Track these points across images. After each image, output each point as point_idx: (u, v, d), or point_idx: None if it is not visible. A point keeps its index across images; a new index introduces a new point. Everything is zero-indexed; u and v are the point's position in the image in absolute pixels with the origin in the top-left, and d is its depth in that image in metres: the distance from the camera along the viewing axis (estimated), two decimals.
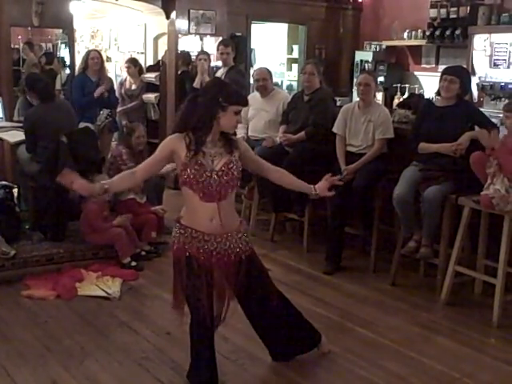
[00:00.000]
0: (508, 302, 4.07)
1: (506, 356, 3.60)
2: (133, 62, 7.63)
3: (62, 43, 7.65)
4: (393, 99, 7.67)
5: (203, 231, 2.90)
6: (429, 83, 7.81)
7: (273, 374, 3.35)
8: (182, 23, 7.43)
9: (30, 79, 5.51)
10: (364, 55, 8.58)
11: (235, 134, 5.32)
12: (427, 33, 7.78)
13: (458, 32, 7.41)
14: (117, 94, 7.11)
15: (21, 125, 5.84)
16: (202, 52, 7.08)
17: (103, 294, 4.31)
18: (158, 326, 3.87)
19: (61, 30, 7.48)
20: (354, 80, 7.80)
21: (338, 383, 3.27)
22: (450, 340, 3.80)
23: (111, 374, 3.29)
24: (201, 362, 3.08)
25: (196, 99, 2.90)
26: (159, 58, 8.13)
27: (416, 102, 5.68)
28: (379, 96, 7.56)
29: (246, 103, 2.98)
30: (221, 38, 7.14)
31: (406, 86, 7.96)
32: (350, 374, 3.36)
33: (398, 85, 7.93)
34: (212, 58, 7.19)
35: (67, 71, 7.42)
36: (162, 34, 8.14)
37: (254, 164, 3.15)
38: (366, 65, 8.45)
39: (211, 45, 7.54)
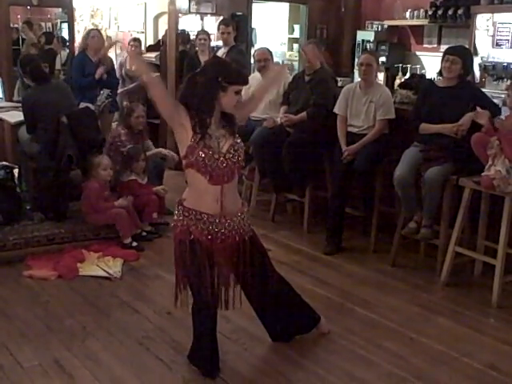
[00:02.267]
0: (507, 283, 4.08)
1: (505, 336, 3.63)
2: (139, 42, 7.62)
3: (61, 22, 7.60)
4: (394, 79, 7.63)
5: (208, 213, 2.89)
6: (431, 63, 7.76)
7: (273, 353, 3.37)
8: (182, 2, 7.36)
9: (23, 61, 5.46)
10: (365, 35, 8.51)
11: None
12: (429, 12, 7.70)
13: (460, 11, 7.33)
14: (117, 74, 7.08)
15: (20, 105, 5.82)
16: (202, 32, 7.03)
17: (104, 274, 4.33)
18: (158, 305, 3.89)
19: (60, 9, 7.44)
20: (356, 60, 7.75)
21: (338, 362, 3.29)
22: (449, 320, 3.82)
23: (112, 353, 3.32)
24: (202, 344, 3.10)
25: (195, 79, 2.85)
26: (159, 37, 8.09)
27: (417, 82, 5.66)
28: (381, 76, 7.53)
29: (246, 82, 2.91)
30: (221, 18, 7.09)
31: (408, 66, 7.92)
32: (350, 353, 3.39)
33: (400, 65, 7.89)
34: (212, 37, 7.15)
35: (67, 51, 7.38)
36: (163, 13, 8.10)
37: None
38: (368, 45, 8.39)
39: (212, 24, 7.50)
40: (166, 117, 2.90)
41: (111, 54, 7.87)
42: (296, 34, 9.27)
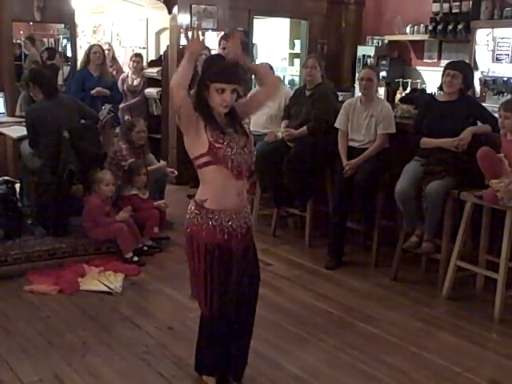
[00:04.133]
0: (510, 297, 4.07)
1: (507, 351, 3.61)
2: (141, 57, 7.67)
3: (63, 38, 7.65)
4: (395, 94, 7.66)
5: (231, 209, 2.84)
6: (431, 78, 7.79)
7: (275, 369, 3.35)
8: (183, 18, 7.41)
9: (34, 74, 5.48)
10: (366, 50, 8.55)
11: None
12: (430, 27, 7.75)
13: (460, 27, 7.38)
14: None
15: (23, 120, 5.84)
16: (204, 47, 7.05)
17: (105, 288, 4.32)
18: (160, 320, 3.88)
19: (63, 25, 7.49)
20: (356, 75, 7.78)
21: (340, 377, 3.27)
22: (451, 335, 3.81)
23: (113, 369, 3.30)
24: (214, 351, 3.03)
25: None
26: (161, 52, 8.13)
27: (418, 96, 5.68)
28: (381, 91, 7.56)
29: (227, 81, 2.73)
30: (223, 33, 7.13)
31: (408, 80, 7.95)
32: (352, 368, 3.37)
33: (400, 80, 7.92)
34: (214, 52, 7.18)
35: (69, 66, 7.42)
36: (164, 29, 8.14)
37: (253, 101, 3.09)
38: (368, 59, 8.43)
39: (213, 40, 7.54)
40: (183, 110, 2.71)
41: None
42: (297, 50, 9.33)
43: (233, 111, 2.85)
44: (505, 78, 7.08)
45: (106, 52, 7.19)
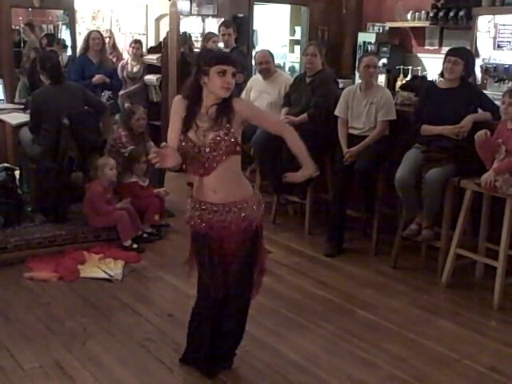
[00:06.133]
0: (509, 285, 4.07)
1: (506, 338, 3.62)
2: (141, 43, 7.64)
3: (62, 24, 7.61)
4: (395, 81, 7.64)
5: (209, 202, 2.87)
6: (432, 65, 7.76)
7: (274, 356, 3.36)
8: (183, 4, 7.37)
9: (42, 58, 5.45)
10: (367, 37, 8.51)
11: None
12: (431, 14, 7.70)
13: (461, 13, 7.33)
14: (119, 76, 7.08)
15: (22, 107, 5.83)
16: (213, 34, 6.99)
17: (105, 275, 4.33)
18: (159, 307, 3.89)
19: (62, 11, 7.45)
20: (357, 62, 7.75)
21: (339, 364, 3.29)
22: (450, 322, 3.82)
23: (113, 355, 3.31)
24: (203, 343, 3.08)
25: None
26: (161, 39, 8.09)
27: (419, 84, 5.66)
28: (382, 78, 7.54)
29: (226, 61, 2.76)
30: (222, 19, 7.09)
31: (409, 67, 7.92)
32: (350, 355, 3.39)
33: (401, 67, 7.89)
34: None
35: (68, 53, 7.39)
36: (164, 15, 8.11)
37: (263, 126, 3.08)
38: (369, 46, 8.39)
39: (213, 26, 7.50)
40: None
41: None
42: (297, 36, 9.28)
43: (229, 106, 2.79)
44: (506, 65, 7.06)
45: (107, 39, 7.17)
